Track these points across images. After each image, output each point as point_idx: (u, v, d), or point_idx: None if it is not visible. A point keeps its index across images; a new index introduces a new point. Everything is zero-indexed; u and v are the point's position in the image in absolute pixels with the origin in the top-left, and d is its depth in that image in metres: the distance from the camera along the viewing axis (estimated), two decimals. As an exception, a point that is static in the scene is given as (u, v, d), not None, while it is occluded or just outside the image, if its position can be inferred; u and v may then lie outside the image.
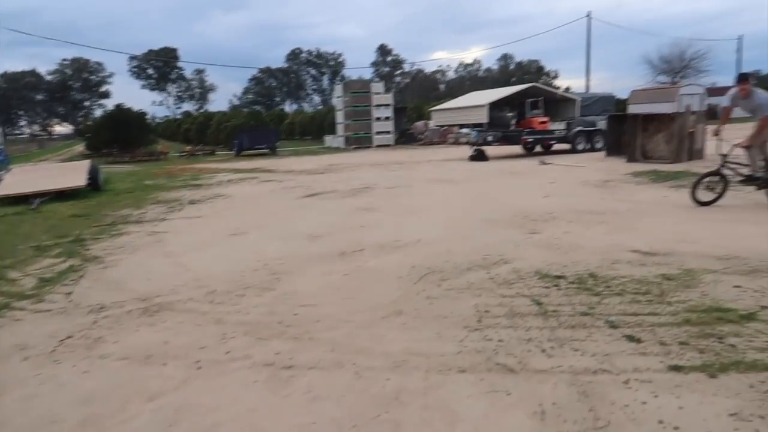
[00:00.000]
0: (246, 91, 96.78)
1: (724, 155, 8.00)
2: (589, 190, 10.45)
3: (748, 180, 8.11)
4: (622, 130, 16.94)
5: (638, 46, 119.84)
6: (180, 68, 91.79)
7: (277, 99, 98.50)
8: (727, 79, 57.83)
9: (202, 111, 79.32)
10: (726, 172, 8.07)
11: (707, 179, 8.16)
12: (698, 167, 12.11)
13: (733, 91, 8.19)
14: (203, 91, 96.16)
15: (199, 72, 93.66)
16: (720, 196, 8.07)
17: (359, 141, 31.82)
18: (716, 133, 8.10)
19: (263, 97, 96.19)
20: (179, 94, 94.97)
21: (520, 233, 6.81)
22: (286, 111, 75.93)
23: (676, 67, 61.01)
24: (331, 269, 5.56)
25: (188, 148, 33.47)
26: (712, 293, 4.26)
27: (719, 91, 41.83)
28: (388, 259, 5.85)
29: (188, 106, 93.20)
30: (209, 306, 4.60)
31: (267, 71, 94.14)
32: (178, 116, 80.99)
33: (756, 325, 3.62)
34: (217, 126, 42.35)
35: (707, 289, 4.38)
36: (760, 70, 76.87)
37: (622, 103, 46.87)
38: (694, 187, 8.11)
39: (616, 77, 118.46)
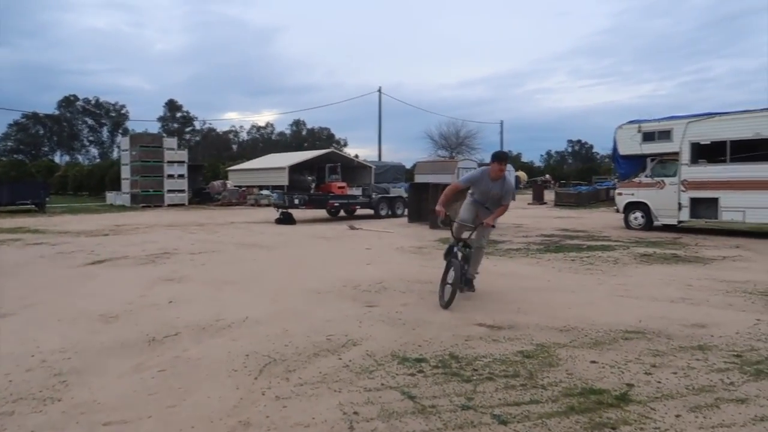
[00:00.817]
0: (5, 137, 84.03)
1: (459, 238, 6.67)
2: (408, 257, 10.42)
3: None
4: (422, 198, 17.81)
5: (416, 122, 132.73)
6: None
7: (46, 149, 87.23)
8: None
9: (-60, 156, 66.10)
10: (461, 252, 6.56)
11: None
12: (493, 234, 12.98)
13: (482, 169, 6.76)
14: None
15: (-61, 110, 78.58)
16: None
17: (149, 199, 29.08)
18: (444, 215, 6.54)
19: (27, 146, 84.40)
20: None
21: (357, 307, 6.25)
22: (57, 162, 67.52)
23: (453, 143, 68.35)
24: (140, 364, 4.33)
25: None
26: (576, 372, 4.10)
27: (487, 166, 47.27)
28: (213, 346, 4.80)
29: None
30: (-46, 436, 3.13)
31: (33, 117, 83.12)
32: None
33: (635, 407, 3.45)
34: (-36, 175, 35.69)
35: (569, 366, 4.22)
36: (512, 150, 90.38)
37: (409, 172, 50.72)
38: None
39: (398, 149, 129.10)
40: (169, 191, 30.22)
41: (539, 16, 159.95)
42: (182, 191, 30.87)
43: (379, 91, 52.91)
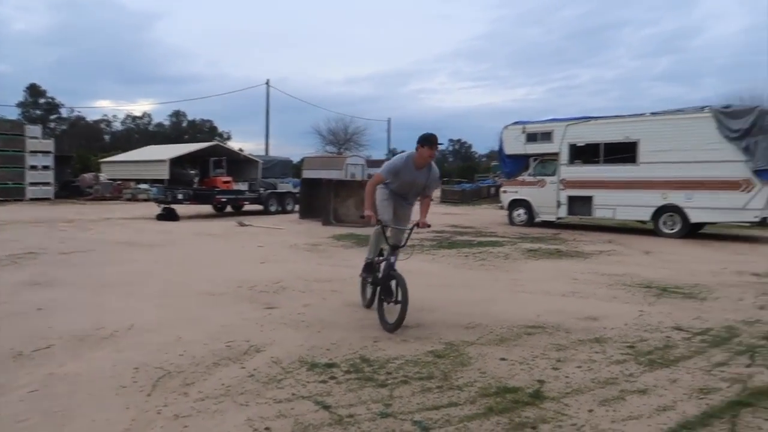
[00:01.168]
0: None
1: (395, 246, 5.59)
2: (303, 255, 10.12)
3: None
4: (314, 194, 17.51)
5: (303, 118, 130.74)
6: None
7: None
8: (380, 153, 67.19)
9: None
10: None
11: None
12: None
13: (405, 155, 5.44)
14: None
15: None
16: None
17: (6, 192, 26.20)
18: (376, 220, 5.42)
19: None
20: None
21: (256, 309, 5.89)
22: None
23: (341, 139, 68.29)
24: (5, 384, 3.71)
25: None
26: (488, 370, 4.08)
27: (376, 163, 47.90)
28: (95, 359, 4.25)
29: None
30: None
31: None
32: None
33: (550, 404, 3.48)
34: None
35: (480, 365, 4.21)
36: (396, 147, 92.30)
37: (296, 168, 50.05)
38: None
39: (284, 143, 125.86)
40: (32, 184, 27.39)
41: (421, 19, 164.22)
42: (47, 184, 28.10)
43: (267, 83, 51.44)
